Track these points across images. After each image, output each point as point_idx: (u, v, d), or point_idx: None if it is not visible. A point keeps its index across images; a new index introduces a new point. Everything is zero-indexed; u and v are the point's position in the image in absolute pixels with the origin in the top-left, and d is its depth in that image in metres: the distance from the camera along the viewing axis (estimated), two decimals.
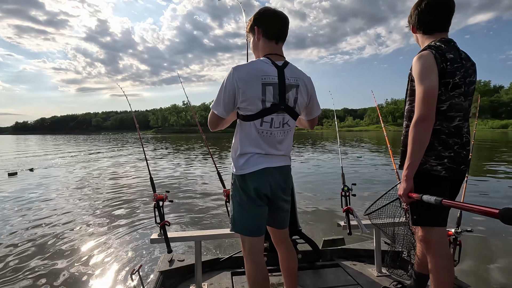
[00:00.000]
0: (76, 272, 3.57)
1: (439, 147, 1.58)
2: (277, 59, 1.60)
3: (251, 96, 1.50)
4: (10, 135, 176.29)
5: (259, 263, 1.64)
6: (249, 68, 1.52)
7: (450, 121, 1.58)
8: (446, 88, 1.56)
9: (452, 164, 1.58)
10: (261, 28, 1.62)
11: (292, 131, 1.69)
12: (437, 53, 1.54)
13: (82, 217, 5.80)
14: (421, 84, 1.52)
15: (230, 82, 1.51)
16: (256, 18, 1.63)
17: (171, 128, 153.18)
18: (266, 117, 1.54)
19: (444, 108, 1.58)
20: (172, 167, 13.04)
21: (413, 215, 1.67)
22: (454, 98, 1.57)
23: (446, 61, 1.54)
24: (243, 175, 1.59)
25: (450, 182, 1.62)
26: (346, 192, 2.48)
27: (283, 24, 1.63)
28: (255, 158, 1.58)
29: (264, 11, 1.63)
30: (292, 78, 1.58)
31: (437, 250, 1.62)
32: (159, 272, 2.38)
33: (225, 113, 1.58)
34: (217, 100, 1.57)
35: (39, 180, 10.28)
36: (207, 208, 6.31)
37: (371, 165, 12.76)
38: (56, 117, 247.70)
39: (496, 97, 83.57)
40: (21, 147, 33.02)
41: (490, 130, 60.71)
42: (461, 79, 1.57)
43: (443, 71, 1.54)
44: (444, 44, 1.61)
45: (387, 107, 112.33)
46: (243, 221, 1.65)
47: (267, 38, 1.62)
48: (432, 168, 1.59)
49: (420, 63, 1.55)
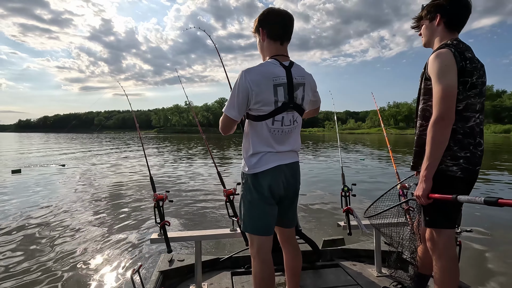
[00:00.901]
0: (76, 272, 3.57)
1: (454, 147, 1.56)
2: (283, 59, 1.63)
3: (265, 98, 1.55)
4: (13, 132, 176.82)
5: (267, 262, 1.66)
6: (260, 71, 1.56)
7: (466, 121, 1.56)
8: (464, 87, 1.54)
9: (468, 165, 1.56)
10: (265, 30, 1.65)
11: (300, 127, 1.73)
12: (456, 51, 1.52)
13: (82, 216, 5.80)
14: (440, 83, 1.49)
15: (243, 84, 1.54)
16: (260, 19, 1.66)
17: (173, 128, 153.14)
18: (277, 116, 1.59)
19: (460, 108, 1.55)
20: (173, 167, 13.06)
21: (426, 216, 1.65)
22: (470, 98, 1.55)
23: (465, 59, 1.52)
24: (256, 173, 1.62)
25: (464, 183, 1.60)
26: (346, 192, 2.48)
27: (287, 24, 1.64)
28: (267, 157, 1.62)
29: (268, 12, 1.64)
30: (299, 77, 1.62)
31: (444, 252, 1.61)
32: (159, 272, 2.39)
33: (239, 116, 1.63)
34: (231, 103, 1.60)
35: (41, 178, 10.32)
36: (207, 208, 6.31)
37: (372, 166, 12.75)
38: (59, 116, 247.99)
39: (499, 102, 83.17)
40: (25, 145, 33.11)
41: (492, 135, 60.45)
42: (477, 79, 1.56)
43: (462, 70, 1.51)
44: (461, 43, 1.59)
45: (389, 110, 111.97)
46: (253, 220, 1.67)
47: (271, 39, 1.65)
48: (448, 168, 1.57)
49: (439, 61, 1.52)
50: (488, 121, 75.10)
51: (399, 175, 2.62)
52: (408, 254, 2.14)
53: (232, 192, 2.43)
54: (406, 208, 2.24)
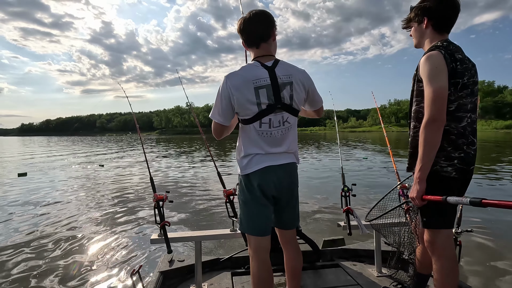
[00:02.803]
0: (76, 272, 3.59)
1: (448, 147, 1.56)
2: (266, 60, 1.62)
3: (245, 102, 1.55)
4: (16, 136, 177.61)
5: (264, 262, 1.67)
6: (240, 75, 1.57)
7: (458, 122, 1.56)
8: (455, 88, 1.54)
9: (462, 165, 1.57)
10: (242, 39, 1.67)
11: (294, 127, 1.71)
12: (446, 53, 1.52)
13: (83, 217, 5.82)
14: (431, 85, 1.49)
15: (224, 90, 1.57)
16: (238, 30, 1.67)
17: (174, 130, 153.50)
18: (264, 118, 1.58)
19: (452, 109, 1.55)
20: (173, 168, 13.08)
21: (423, 217, 1.65)
22: (462, 98, 1.56)
23: (455, 61, 1.53)
24: (247, 174, 1.64)
25: (459, 183, 1.61)
26: (346, 192, 2.48)
27: (259, 26, 1.62)
28: (257, 158, 1.62)
29: (241, 22, 1.64)
30: (284, 76, 1.60)
31: (443, 252, 1.61)
32: (159, 272, 2.39)
33: (225, 121, 1.64)
34: (215, 109, 1.63)
35: (44, 182, 10.35)
36: (207, 209, 6.32)
37: (372, 166, 12.72)
38: (61, 119, 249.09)
39: (500, 98, 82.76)
40: (27, 149, 33.22)
41: (493, 131, 60.18)
42: (469, 80, 1.56)
43: (453, 71, 1.52)
44: (452, 44, 1.59)
45: (390, 108, 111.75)
46: (248, 220, 1.68)
47: (249, 46, 1.67)
48: (442, 169, 1.57)
49: (429, 64, 1.52)
50: (490, 117, 74.77)
51: (399, 175, 2.61)
52: (408, 254, 2.14)
53: (232, 192, 2.44)
54: (406, 208, 2.24)
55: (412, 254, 2.10)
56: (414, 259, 2.03)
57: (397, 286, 2.23)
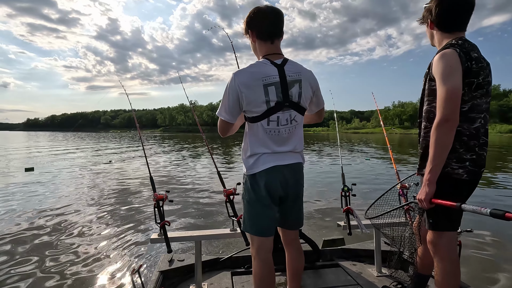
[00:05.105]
0: (76, 272, 3.58)
1: (460, 149, 1.52)
2: (275, 58, 1.60)
3: (254, 99, 1.53)
4: (22, 131, 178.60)
5: (267, 262, 1.66)
6: (249, 72, 1.54)
7: (471, 123, 1.52)
8: (469, 88, 1.50)
9: (474, 167, 1.53)
10: (254, 31, 1.63)
11: (301, 126, 1.69)
12: (461, 52, 1.48)
13: (82, 216, 5.80)
14: (444, 84, 1.45)
15: (232, 87, 1.54)
16: (248, 21, 1.64)
17: (178, 127, 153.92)
18: (272, 116, 1.57)
19: (465, 109, 1.51)
20: (173, 167, 13.05)
21: (430, 219, 1.62)
22: (476, 98, 1.52)
23: (471, 60, 1.48)
24: (253, 174, 1.62)
25: (469, 185, 1.57)
26: (346, 192, 2.47)
27: (275, 21, 1.60)
28: (264, 157, 1.60)
29: (254, 12, 1.61)
30: (293, 74, 1.58)
31: (446, 254, 1.60)
32: (159, 272, 2.39)
33: (232, 118, 1.62)
34: (222, 106, 1.61)
35: (48, 178, 10.41)
36: (207, 208, 6.31)
37: (373, 166, 12.68)
38: (66, 115, 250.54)
39: (506, 101, 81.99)
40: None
41: (498, 135, 59.69)
42: (484, 79, 1.52)
43: (467, 71, 1.47)
44: (467, 42, 1.55)
45: (394, 110, 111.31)
46: (252, 220, 1.67)
47: (261, 40, 1.63)
48: (453, 171, 1.53)
49: (443, 62, 1.48)
50: (494, 121, 74.18)
51: (399, 175, 2.60)
52: (408, 254, 2.14)
53: (232, 192, 2.43)
54: (406, 208, 2.23)
55: (412, 254, 2.10)
56: (415, 259, 2.02)
57: (397, 286, 2.23)
